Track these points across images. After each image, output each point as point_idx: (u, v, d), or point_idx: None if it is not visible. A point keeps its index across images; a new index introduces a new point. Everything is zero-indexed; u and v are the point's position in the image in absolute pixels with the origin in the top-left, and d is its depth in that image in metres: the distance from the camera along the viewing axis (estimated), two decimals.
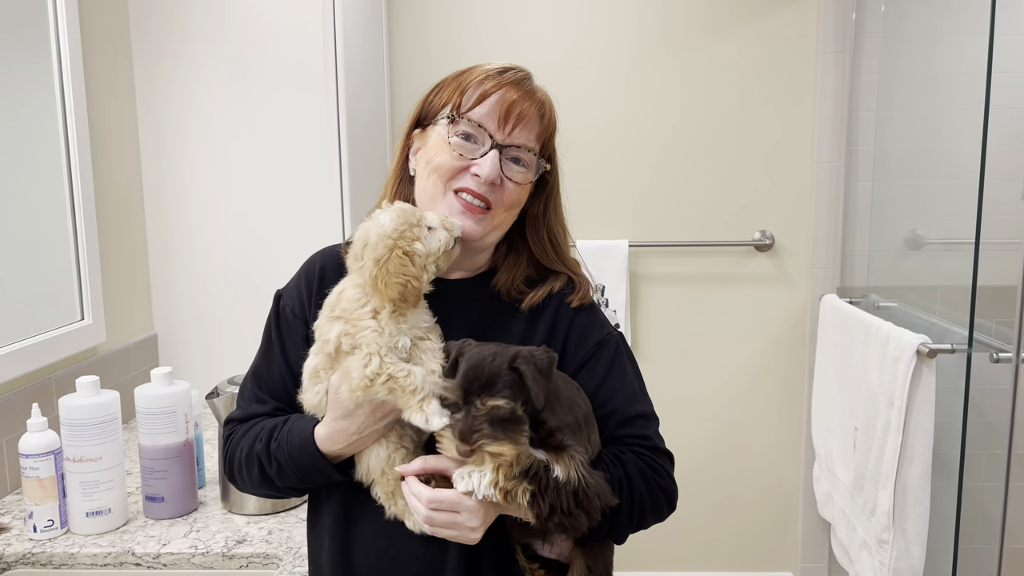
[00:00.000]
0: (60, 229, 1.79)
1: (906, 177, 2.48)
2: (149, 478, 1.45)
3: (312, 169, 2.07)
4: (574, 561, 1.06)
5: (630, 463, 1.06)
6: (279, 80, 2.04)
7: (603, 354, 1.12)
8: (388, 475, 1.04)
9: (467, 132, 1.07)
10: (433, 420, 0.95)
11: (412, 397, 0.96)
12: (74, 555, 1.34)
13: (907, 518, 1.96)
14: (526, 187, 1.10)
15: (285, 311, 1.15)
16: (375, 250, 0.99)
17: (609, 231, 2.68)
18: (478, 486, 0.93)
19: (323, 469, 1.05)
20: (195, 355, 2.15)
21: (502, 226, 1.11)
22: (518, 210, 1.11)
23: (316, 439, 1.04)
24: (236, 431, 1.14)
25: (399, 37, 2.63)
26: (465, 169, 1.06)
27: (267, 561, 1.33)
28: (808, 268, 2.70)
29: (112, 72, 1.99)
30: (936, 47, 2.38)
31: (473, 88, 1.08)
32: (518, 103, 1.07)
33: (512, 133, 1.07)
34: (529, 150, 1.08)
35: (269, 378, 1.14)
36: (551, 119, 1.12)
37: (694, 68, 2.63)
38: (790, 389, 2.76)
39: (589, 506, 0.96)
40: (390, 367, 0.96)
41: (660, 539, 2.81)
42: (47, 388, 1.69)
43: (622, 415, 1.10)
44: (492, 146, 1.06)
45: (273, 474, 1.08)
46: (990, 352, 1.83)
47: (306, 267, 1.18)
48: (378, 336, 0.97)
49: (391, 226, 1.00)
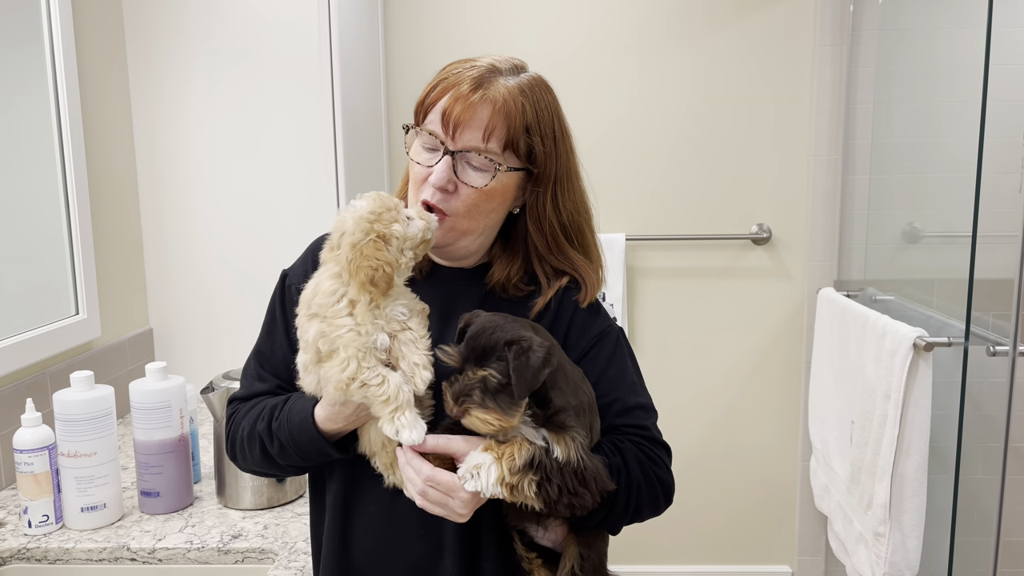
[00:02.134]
0: (54, 223, 1.78)
1: (903, 170, 2.48)
2: (144, 473, 1.45)
3: (308, 163, 2.06)
4: (567, 549, 1.06)
5: (628, 452, 1.06)
6: (274, 74, 2.03)
7: (604, 345, 1.12)
8: (388, 447, 1.03)
9: (427, 144, 1.07)
10: (403, 433, 0.95)
11: (384, 407, 0.95)
12: (69, 550, 1.34)
13: (903, 511, 1.96)
14: (492, 190, 1.06)
15: (291, 289, 1.15)
16: (352, 235, 0.98)
17: (606, 224, 2.67)
18: (485, 486, 0.93)
19: (323, 448, 1.05)
20: (190, 350, 2.14)
21: (470, 231, 1.08)
22: (487, 214, 1.07)
23: (315, 419, 1.03)
24: (239, 410, 1.15)
25: (395, 30, 2.62)
26: (427, 177, 1.06)
27: (263, 556, 1.33)
28: (805, 261, 2.70)
29: (106, 65, 1.97)
30: (934, 40, 2.38)
31: (431, 93, 1.07)
32: (455, 107, 1.03)
33: (457, 137, 1.04)
34: (480, 152, 1.04)
35: (272, 356, 1.15)
36: (503, 113, 1.05)
37: (691, 61, 2.62)
38: (787, 382, 2.76)
39: (591, 484, 0.97)
40: (365, 372, 0.95)
41: (657, 532, 2.82)
42: (42, 383, 1.69)
43: (621, 405, 1.09)
44: (444, 153, 1.05)
45: (275, 453, 1.08)
46: (987, 345, 1.83)
47: (313, 248, 1.18)
48: (355, 337, 0.96)
49: (367, 208, 0.99)
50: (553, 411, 0.97)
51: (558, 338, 1.07)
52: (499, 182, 1.06)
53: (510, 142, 1.06)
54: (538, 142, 1.08)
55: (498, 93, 1.05)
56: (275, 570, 1.26)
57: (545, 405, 0.97)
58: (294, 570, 1.26)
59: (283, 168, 2.07)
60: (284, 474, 1.16)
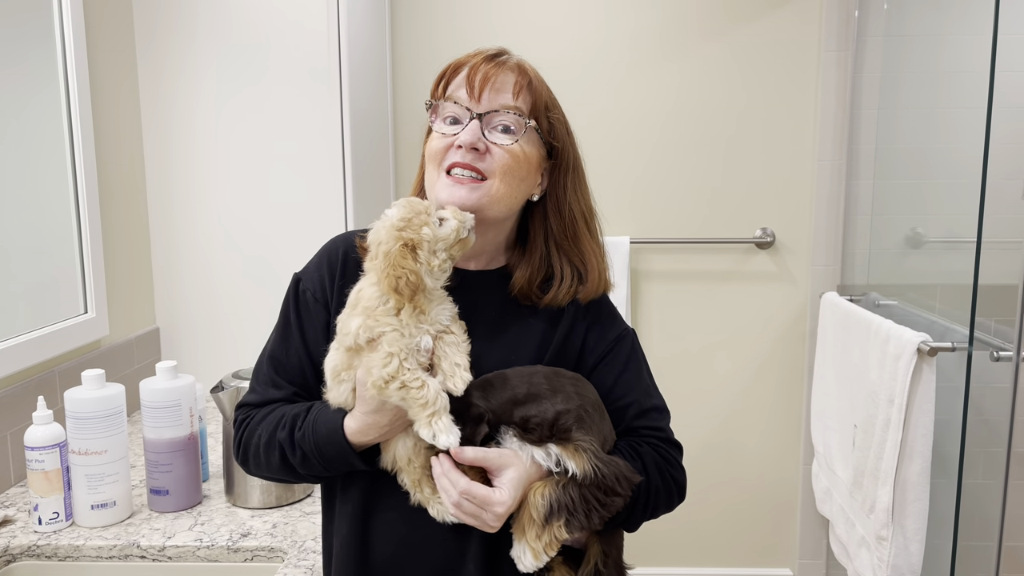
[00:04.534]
0: (64, 222, 1.79)
1: (907, 175, 2.48)
2: (154, 471, 1.46)
3: (315, 164, 2.07)
4: (591, 547, 1.08)
5: (647, 456, 1.09)
6: (282, 75, 2.04)
7: (621, 348, 1.13)
8: (415, 463, 1.04)
9: (450, 116, 1.07)
10: (440, 438, 0.96)
11: (422, 410, 0.96)
12: (79, 547, 1.35)
13: (906, 515, 1.97)
14: (524, 154, 1.06)
15: (305, 295, 1.13)
16: (385, 244, 0.99)
17: (611, 228, 2.68)
18: (531, 566, 0.99)
19: (349, 460, 1.04)
20: (197, 349, 2.15)
21: (504, 199, 1.07)
22: (520, 182, 1.07)
23: (346, 431, 1.03)
24: (252, 416, 1.12)
25: (402, 33, 2.63)
26: (451, 146, 1.06)
27: (272, 554, 1.34)
28: (809, 266, 2.71)
29: (116, 66, 1.98)
30: (939, 46, 2.39)
31: (447, 73, 1.09)
32: (480, 68, 1.05)
33: (483, 98, 1.05)
34: (509, 110, 1.05)
35: (287, 362, 1.12)
36: (533, 81, 1.08)
37: (696, 66, 2.63)
38: (790, 386, 2.77)
39: (616, 488, 0.99)
40: (406, 374, 0.96)
41: (659, 534, 2.82)
42: (51, 381, 1.70)
43: (638, 407, 1.12)
44: (471, 117, 1.05)
45: (296, 462, 1.07)
46: (990, 351, 1.84)
47: (328, 251, 1.15)
48: (399, 337, 0.97)
49: (397, 216, 1.00)
50: (552, 417, 0.98)
51: (575, 344, 1.10)
52: (526, 147, 1.07)
53: (534, 109, 1.08)
54: (558, 121, 1.11)
55: (520, 63, 1.09)
56: (285, 568, 1.27)
57: (528, 422, 0.99)
58: (303, 569, 1.27)
59: (290, 167, 2.08)
60: (298, 481, 1.15)
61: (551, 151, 1.11)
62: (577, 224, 1.13)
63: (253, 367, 1.19)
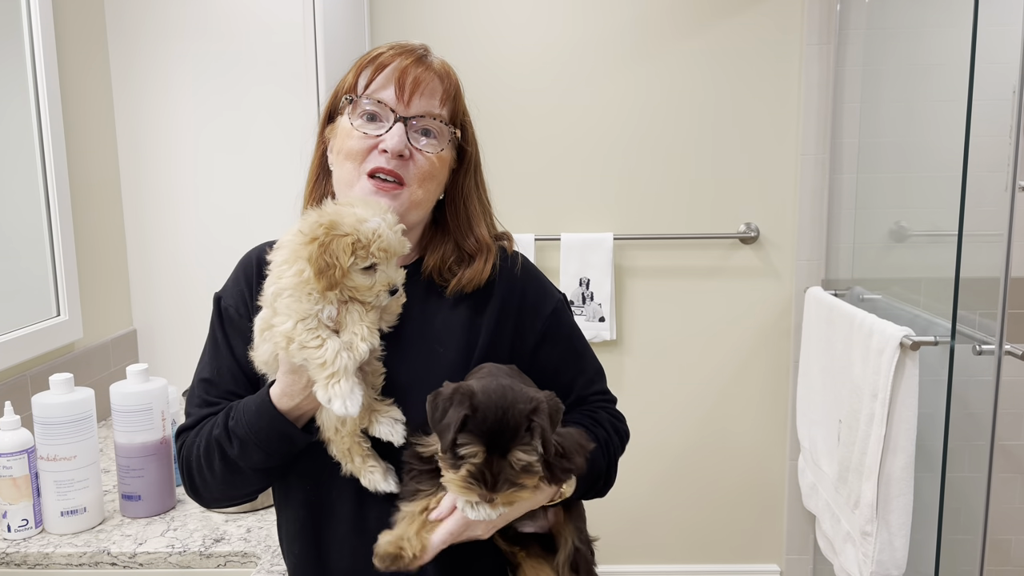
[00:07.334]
0: (34, 224, 1.76)
1: (891, 169, 2.48)
2: (125, 476, 1.43)
3: (291, 166, 2.03)
4: (564, 528, 1.09)
5: (605, 422, 1.15)
6: (258, 75, 2.01)
7: (560, 321, 1.16)
8: (342, 432, 1.02)
9: (369, 112, 1.05)
10: (335, 402, 0.93)
11: (320, 371, 0.94)
12: (49, 555, 1.32)
13: (890, 510, 1.96)
14: (442, 159, 1.08)
15: (228, 311, 1.14)
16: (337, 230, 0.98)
17: (594, 224, 2.67)
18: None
19: (285, 430, 1.01)
20: (175, 351, 2.12)
21: (422, 203, 1.08)
22: (437, 185, 1.09)
23: (272, 397, 1.01)
24: (187, 437, 1.11)
25: (381, 32, 2.60)
26: (374, 148, 1.04)
27: (245, 560, 1.32)
28: (793, 260, 2.70)
29: (87, 64, 1.95)
30: (920, 39, 2.38)
31: (367, 67, 1.07)
32: (410, 70, 1.05)
33: (412, 103, 1.05)
34: (435, 118, 1.06)
35: (219, 381, 1.12)
36: (453, 85, 1.09)
37: (679, 60, 2.61)
38: (775, 381, 2.77)
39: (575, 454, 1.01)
40: (303, 334, 0.94)
41: (645, 531, 2.81)
42: (22, 385, 1.67)
43: (585, 377, 1.17)
44: (396, 120, 1.04)
45: (235, 455, 1.03)
46: (973, 344, 1.83)
47: (243, 265, 1.17)
48: (294, 303, 0.96)
49: (315, 221, 0.99)
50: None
51: (509, 322, 1.11)
52: (445, 153, 1.08)
53: (454, 116, 1.10)
54: (470, 126, 1.13)
55: (442, 65, 1.10)
56: (258, 574, 1.25)
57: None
58: (277, 574, 1.24)
59: (267, 169, 2.05)
60: (248, 487, 1.11)
61: (461, 154, 1.13)
62: (479, 215, 1.15)
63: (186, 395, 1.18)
